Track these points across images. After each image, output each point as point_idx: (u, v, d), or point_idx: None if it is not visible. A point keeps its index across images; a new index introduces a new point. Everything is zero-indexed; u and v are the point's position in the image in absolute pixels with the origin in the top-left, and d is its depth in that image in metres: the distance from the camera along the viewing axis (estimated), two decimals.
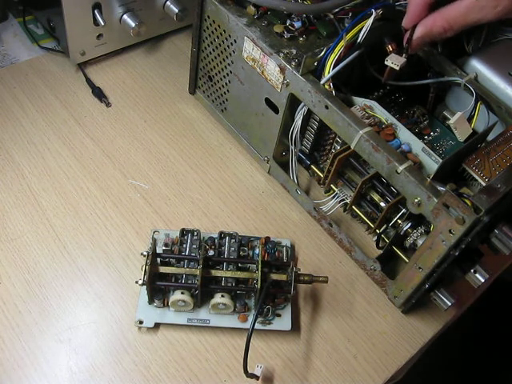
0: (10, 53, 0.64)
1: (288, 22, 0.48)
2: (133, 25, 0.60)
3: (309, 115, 0.49)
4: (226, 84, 0.55)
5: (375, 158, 0.42)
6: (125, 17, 0.60)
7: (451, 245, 0.38)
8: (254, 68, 0.49)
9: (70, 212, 0.51)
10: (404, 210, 0.45)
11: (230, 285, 0.44)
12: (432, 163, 0.44)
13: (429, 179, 0.40)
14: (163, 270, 0.44)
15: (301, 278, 0.44)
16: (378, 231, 0.47)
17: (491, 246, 0.41)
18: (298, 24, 0.48)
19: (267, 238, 0.48)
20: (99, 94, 0.60)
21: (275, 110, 0.50)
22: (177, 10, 0.62)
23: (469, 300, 0.51)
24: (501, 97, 0.48)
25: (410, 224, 0.44)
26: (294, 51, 0.46)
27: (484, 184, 0.41)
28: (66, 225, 0.50)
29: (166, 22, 0.66)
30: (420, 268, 0.42)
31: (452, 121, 0.47)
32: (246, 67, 0.50)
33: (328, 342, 0.45)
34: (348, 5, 0.47)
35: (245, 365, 0.40)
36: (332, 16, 0.48)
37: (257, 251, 0.47)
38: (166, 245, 0.46)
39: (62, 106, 0.59)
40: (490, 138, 0.45)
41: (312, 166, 0.52)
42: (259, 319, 0.44)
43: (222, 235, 0.48)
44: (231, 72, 0.53)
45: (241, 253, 0.47)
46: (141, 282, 0.42)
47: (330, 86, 0.45)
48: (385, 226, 0.46)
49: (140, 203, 0.52)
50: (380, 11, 0.45)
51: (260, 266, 0.43)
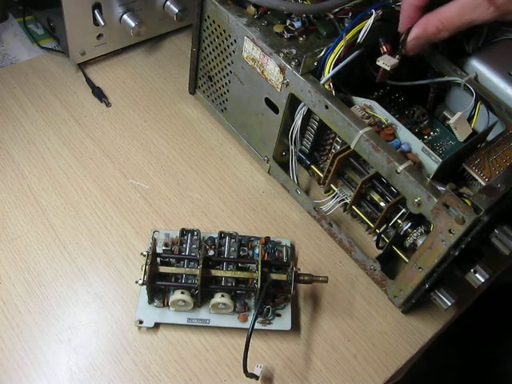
0: (10, 53, 0.64)
1: (288, 21, 0.48)
2: (133, 25, 0.60)
3: (309, 115, 0.49)
4: (226, 84, 0.55)
5: (375, 157, 0.42)
6: (125, 17, 0.60)
7: (451, 245, 0.38)
8: (254, 68, 0.49)
9: (70, 212, 0.51)
10: (404, 210, 0.45)
11: (229, 285, 0.44)
12: (432, 163, 0.44)
13: (429, 179, 0.40)
14: (163, 269, 0.44)
15: (301, 277, 0.44)
16: (377, 231, 0.47)
17: (491, 245, 0.41)
18: (297, 24, 0.48)
19: (267, 238, 0.48)
20: (99, 93, 0.60)
21: (275, 109, 0.50)
22: (177, 10, 0.62)
23: (469, 300, 0.51)
24: (501, 97, 0.48)
25: (409, 224, 0.44)
26: (294, 51, 0.46)
27: (484, 184, 0.41)
28: (65, 225, 0.50)
29: (165, 21, 0.66)
30: (420, 268, 0.42)
31: (452, 121, 0.47)
32: (245, 67, 0.50)
33: (328, 341, 0.45)
34: (348, 5, 0.47)
35: (244, 364, 0.40)
36: (332, 16, 0.48)
37: (257, 251, 0.47)
38: (165, 245, 0.46)
39: (61, 106, 0.59)
40: (489, 137, 0.45)
41: (312, 166, 0.52)
42: (259, 319, 0.44)
43: (221, 235, 0.48)
44: (231, 72, 0.53)
45: (241, 253, 0.47)
46: (141, 281, 0.42)
47: (329, 85, 0.45)
48: (385, 226, 0.46)
49: (140, 203, 0.52)
50: (380, 11, 0.45)
51: (260, 266, 0.43)
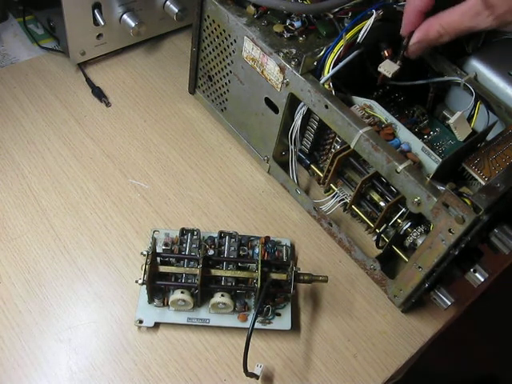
0: (10, 53, 0.64)
1: (288, 21, 0.48)
2: (133, 25, 0.60)
3: (308, 115, 0.49)
4: (226, 84, 0.55)
5: (375, 157, 0.42)
6: (125, 17, 0.60)
7: (451, 244, 0.38)
8: (254, 68, 0.49)
9: (70, 212, 0.51)
10: (404, 210, 0.45)
11: (229, 284, 0.44)
12: (432, 162, 0.44)
13: (428, 178, 0.40)
14: (163, 269, 0.44)
15: (301, 277, 0.44)
16: (377, 231, 0.47)
17: (491, 245, 0.41)
18: (297, 24, 0.48)
19: (267, 238, 0.48)
20: (99, 93, 0.60)
21: (275, 109, 0.50)
22: (177, 10, 0.62)
23: (469, 300, 0.51)
24: (500, 96, 0.48)
25: (409, 223, 0.44)
26: (294, 51, 0.47)
27: (484, 183, 0.41)
28: (65, 225, 0.50)
29: (165, 21, 0.66)
30: (420, 267, 0.42)
31: (452, 120, 0.47)
32: (245, 67, 0.50)
33: (328, 341, 0.45)
34: (348, 5, 0.47)
35: (244, 364, 0.40)
36: (332, 16, 0.48)
37: (257, 251, 0.47)
38: (165, 244, 0.46)
39: (61, 106, 0.59)
40: (489, 137, 0.45)
41: (312, 166, 0.52)
42: (259, 319, 0.44)
43: (221, 235, 0.48)
44: (231, 72, 0.53)
45: (241, 252, 0.47)
46: (141, 281, 0.42)
47: (329, 85, 0.45)
48: (384, 226, 0.46)
49: (140, 203, 0.52)
50: (380, 11, 0.45)
51: (260, 266, 0.43)
